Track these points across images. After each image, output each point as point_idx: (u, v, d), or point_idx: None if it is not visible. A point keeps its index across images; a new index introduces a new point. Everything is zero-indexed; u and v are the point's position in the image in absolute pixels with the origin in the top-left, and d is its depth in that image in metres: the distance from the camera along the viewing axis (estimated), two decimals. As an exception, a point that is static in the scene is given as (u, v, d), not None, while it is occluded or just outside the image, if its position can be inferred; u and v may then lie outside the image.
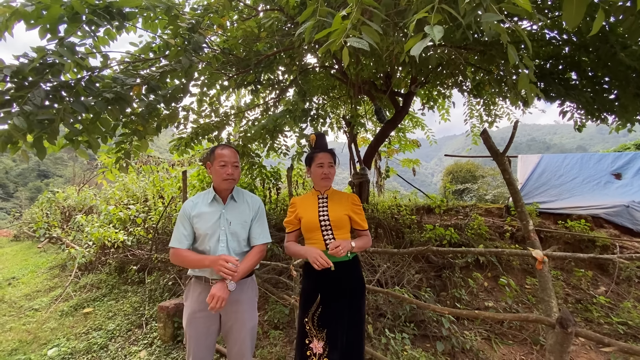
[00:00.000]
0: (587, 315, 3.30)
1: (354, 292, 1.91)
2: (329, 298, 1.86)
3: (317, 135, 2.13)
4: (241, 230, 1.90)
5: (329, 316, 1.84)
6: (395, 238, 4.81)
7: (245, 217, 1.93)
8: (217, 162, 1.89)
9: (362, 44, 1.25)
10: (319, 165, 1.99)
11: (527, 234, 2.17)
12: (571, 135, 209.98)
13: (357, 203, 2.03)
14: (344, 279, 1.88)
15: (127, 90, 2.38)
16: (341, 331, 1.83)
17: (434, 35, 1.12)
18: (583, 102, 3.62)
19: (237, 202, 1.96)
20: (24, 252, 8.41)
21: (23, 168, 52.15)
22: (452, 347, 2.87)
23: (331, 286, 1.87)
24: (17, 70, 2.20)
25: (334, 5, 1.96)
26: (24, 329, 3.91)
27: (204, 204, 1.91)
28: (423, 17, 1.25)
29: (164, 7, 2.61)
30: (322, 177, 1.99)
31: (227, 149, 1.93)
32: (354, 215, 1.98)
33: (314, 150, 2.07)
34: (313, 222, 1.94)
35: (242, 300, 1.87)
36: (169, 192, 6.23)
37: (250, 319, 1.89)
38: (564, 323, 1.61)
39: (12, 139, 2.28)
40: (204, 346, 1.87)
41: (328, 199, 2.02)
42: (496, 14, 1.23)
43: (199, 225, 1.86)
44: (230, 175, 1.87)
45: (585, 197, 5.27)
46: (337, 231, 1.93)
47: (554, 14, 3.37)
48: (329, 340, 1.80)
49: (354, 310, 1.89)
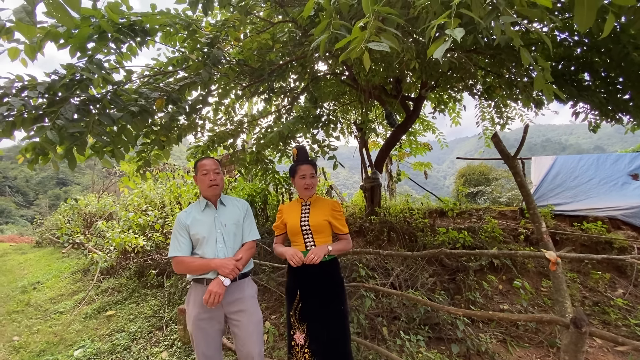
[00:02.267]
0: (604, 317, 3.26)
1: (330, 291, 2.07)
2: (307, 295, 2.05)
3: (298, 149, 2.31)
4: (237, 230, 2.08)
5: (308, 311, 2.04)
6: (408, 242, 4.83)
7: (238, 217, 2.11)
8: (199, 172, 2.08)
9: (382, 46, 1.33)
10: (302, 177, 2.18)
11: (540, 235, 2.19)
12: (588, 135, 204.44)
13: (337, 209, 2.19)
14: (321, 278, 2.06)
15: (151, 103, 2.51)
16: (321, 325, 2.00)
17: (455, 36, 1.18)
18: (596, 102, 3.60)
19: (226, 206, 2.13)
20: (47, 258, 8.74)
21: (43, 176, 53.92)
22: (468, 349, 2.88)
23: (309, 284, 2.06)
24: (49, 87, 2.35)
25: (347, 18, 2.04)
26: (51, 331, 4.08)
27: (197, 212, 2.07)
28: (442, 22, 1.31)
29: (184, 23, 2.75)
30: (304, 187, 2.18)
31: (206, 159, 2.14)
32: (334, 221, 2.14)
33: (297, 163, 2.24)
34: (295, 227, 2.14)
35: (245, 297, 2.00)
36: (185, 198, 6.41)
37: (254, 313, 2.02)
38: (578, 323, 1.64)
39: (44, 151, 2.44)
40: (212, 346, 1.98)
41: (310, 205, 2.20)
42: (511, 16, 1.30)
43: (195, 230, 1.99)
44: (213, 180, 2.05)
45: (601, 198, 5.19)
46: (317, 235, 2.11)
47: (565, 15, 3.39)
48: (309, 333, 2.00)
49: (332, 307, 2.05)
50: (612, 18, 1.27)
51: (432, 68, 3.60)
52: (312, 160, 2.27)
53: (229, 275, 1.85)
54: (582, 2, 1.23)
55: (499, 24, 1.32)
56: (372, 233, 5.04)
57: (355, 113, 7.04)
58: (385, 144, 6.09)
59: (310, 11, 1.92)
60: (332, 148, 3.92)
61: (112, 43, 2.54)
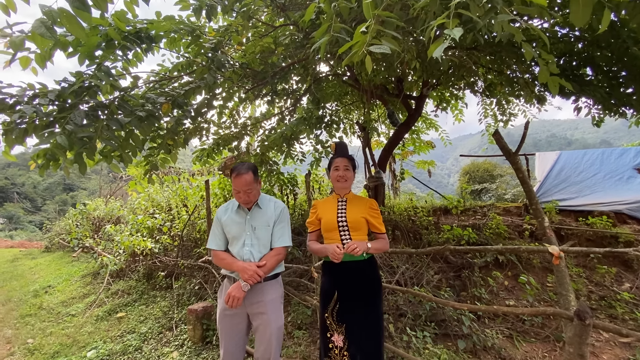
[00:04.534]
0: (611, 312, 3.26)
1: (369, 290, 2.02)
2: (346, 295, 1.99)
3: (337, 144, 2.32)
4: (265, 234, 2.04)
5: (347, 312, 1.97)
6: (413, 240, 4.85)
7: (268, 220, 2.07)
8: (233, 187, 2.03)
9: (383, 48, 1.37)
10: (335, 169, 2.15)
11: (543, 230, 2.22)
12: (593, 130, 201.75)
13: (375, 208, 2.14)
14: (359, 277, 2.01)
15: (158, 108, 2.58)
16: (358, 327, 1.95)
17: (454, 35, 1.21)
18: (599, 97, 3.60)
19: (262, 208, 2.10)
20: (56, 262, 8.88)
21: (50, 182, 54.54)
22: (474, 345, 2.91)
23: (347, 283, 2.00)
24: (59, 94, 2.42)
25: (347, 20, 2.09)
26: (64, 333, 4.17)
27: (233, 211, 2.10)
28: (440, 22, 1.35)
29: (188, 28, 2.82)
30: (337, 179, 2.14)
31: (239, 177, 1.96)
32: (371, 219, 2.09)
33: (333, 157, 2.23)
34: (332, 222, 2.07)
35: (265, 301, 1.97)
36: (192, 200, 6.49)
37: (275, 320, 1.98)
38: (582, 315, 1.66)
39: (55, 156, 2.51)
40: (233, 342, 2.01)
41: (347, 202, 2.15)
42: (509, 14, 1.33)
43: (227, 229, 2.05)
44: (245, 200, 2.03)
45: (607, 193, 5.17)
46: (354, 232, 2.05)
47: (565, 11, 3.40)
48: (348, 335, 1.93)
49: (370, 308, 1.99)
50: (608, 13, 1.29)
51: (433, 67, 3.63)
52: (349, 155, 2.22)
53: (248, 281, 1.86)
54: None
55: (498, 22, 1.35)
56: (377, 232, 5.06)
57: (358, 113, 7.08)
58: (388, 143, 6.12)
59: (312, 15, 1.97)
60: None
61: (119, 50, 2.60)
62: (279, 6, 2.98)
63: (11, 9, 1.75)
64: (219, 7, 2.65)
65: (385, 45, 1.38)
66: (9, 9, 1.75)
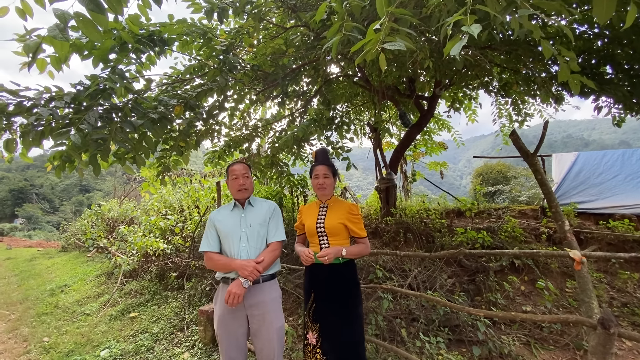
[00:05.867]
0: (634, 319, 3.13)
1: (344, 292, 2.07)
2: (321, 295, 2.08)
3: (317, 151, 2.36)
4: (261, 229, 2.10)
5: (321, 311, 2.07)
6: (425, 242, 4.77)
7: (264, 217, 2.14)
8: (230, 176, 2.15)
9: (397, 45, 1.33)
10: (315, 177, 2.21)
11: (564, 234, 2.13)
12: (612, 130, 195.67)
13: (354, 212, 2.16)
14: (334, 279, 2.07)
15: (170, 110, 2.59)
16: (332, 326, 2.02)
17: (472, 32, 1.16)
18: (620, 96, 3.47)
19: (254, 206, 2.18)
20: (72, 262, 9.08)
21: (67, 184, 56.08)
22: (489, 351, 2.82)
23: (323, 285, 2.09)
24: (75, 97, 2.46)
25: (359, 19, 2.06)
26: (78, 332, 4.24)
27: (227, 211, 2.16)
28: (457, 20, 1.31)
29: (200, 31, 2.84)
30: (317, 187, 2.21)
31: (237, 164, 2.20)
32: (350, 224, 2.12)
33: (313, 164, 2.28)
34: (311, 228, 2.17)
35: (266, 301, 1.99)
36: (203, 202, 6.54)
37: (276, 319, 2.00)
38: (606, 323, 1.58)
39: (70, 158, 2.55)
40: (234, 346, 2.00)
41: (328, 207, 2.21)
42: (529, 9, 1.28)
43: (221, 227, 2.07)
44: (242, 185, 2.12)
45: (628, 195, 4.98)
46: (332, 238, 2.12)
47: (583, 7, 3.29)
48: (322, 333, 2.03)
49: (346, 309, 2.04)
50: (634, 9, 1.22)
51: (446, 66, 3.56)
52: (328, 161, 2.28)
53: (248, 277, 1.87)
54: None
55: (516, 18, 1.30)
56: (388, 234, 5.00)
57: (369, 114, 7.03)
58: (399, 144, 6.05)
59: (323, 14, 1.94)
60: (346, 150, 3.93)
61: (133, 53, 2.64)
62: (290, 7, 2.97)
63: (28, 14, 1.79)
64: (230, 10, 2.65)
65: (400, 43, 1.35)
66: (26, 14, 1.79)
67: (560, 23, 1.29)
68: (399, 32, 1.44)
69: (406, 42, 1.36)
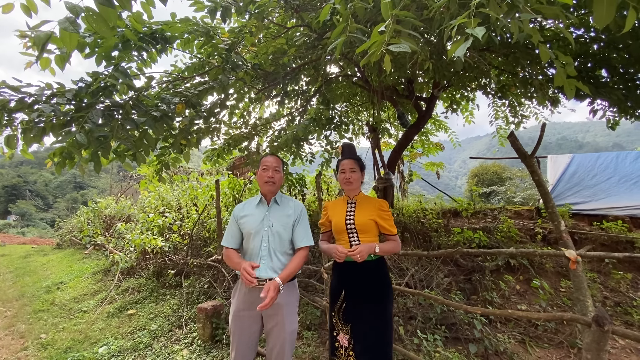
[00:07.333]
0: (627, 318, 3.20)
1: (376, 290, 1.99)
2: (352, 294, 1.99)
3: (343, 146, 2.31)
4: (283, 232, 2.02)
5: (352, 311, 1.97)
6: (423, 242, 4.82)
7: (288, 220, 2.05)
8: (260, 167, 2.11)
9: (402, 47, 1.36)
10: (342, 172, 2.15)
11: (559, 234, 2.18)
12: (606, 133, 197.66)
13: (385, 209, 2.09)
14: (366, 277, 1.99)
15: (172, 108, 2.60)
16: (365, 326, 1.93)
17: (477, 34, 1.19)
18: (615, 99, 3.54)
19: (279, 205, 2.11)
20: (68, 259, 9.02)
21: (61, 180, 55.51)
22: (485, 349, 2.87)
23: (354, 283, 2.00)
24: (76, 94, 2.46)
25: (362, 21, 2.08)
26: (75, 329, 4.23)
27: (252, 207, 2.10)
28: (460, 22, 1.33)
29: (202, 30, 2.84)
30: (344, 182, 2.14)
31: (270, 156, 2.15)
32: (380, 221, 2.05)
33: (340, 159, 2.23)
34: (340, 225, 2.08)
35: (282, 303, 1.93)
36: (202, 200, 6.54)
37: (290, 323, 1.96)
38: (600, 321, 1.63)
39: (71, 155, 2.55)
40: (245, 343, 1.99)
41: (356, 204, 2.13)
42: (531, 13, 1.31)
43: (245, 225, 2.03)
44: (271, 178, 2.05)
45: (622, 197, 5.07)
46: (363, 235, 2.04)
47: (580, 12, 3.35)
48: (354, 334, 1.93)
49: (377, 308, 1.96)
50: (634, 13, 1.26)
51: (445, 68, 3.61)
52: (355, 155, 2.20)
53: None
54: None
55: (517, 21, 1.33)
56: (386, 233, 5.03)
57: (367, 114, 7.06)
58: (397, 144, 6.09)
59: (327, 15, 1.97)
60: (345, 149, 3.95)
61: (135, 51, 2.64)
62: (293, 7, 2.99)
63: (32, 10, 1.79)
64: (233, 9, 2.66)
65: (405, 45, 1.38)
66: (30, 10, 1.79)
67: (559, 26, 1.33)
68: (401, 34, 1.47)
69: (410, 44, 1.39)
